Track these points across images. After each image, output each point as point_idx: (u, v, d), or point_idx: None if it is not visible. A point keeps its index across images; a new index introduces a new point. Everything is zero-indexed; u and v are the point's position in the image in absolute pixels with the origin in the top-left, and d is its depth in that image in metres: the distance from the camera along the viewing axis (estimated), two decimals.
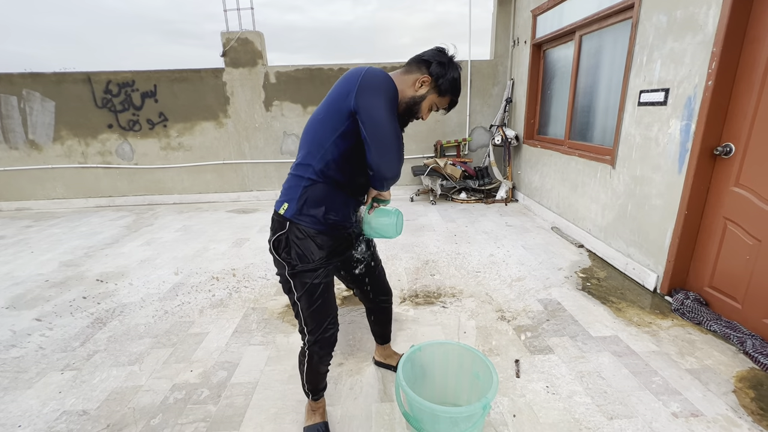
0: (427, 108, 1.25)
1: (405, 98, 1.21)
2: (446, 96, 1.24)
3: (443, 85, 1.21)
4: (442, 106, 1.27)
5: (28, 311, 2.49)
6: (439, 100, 1.24)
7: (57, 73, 4.98)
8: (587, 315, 2.26)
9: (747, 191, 1.98)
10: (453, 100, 1.27)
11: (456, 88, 1.23)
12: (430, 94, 1.22)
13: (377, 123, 1.07)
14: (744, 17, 1.91)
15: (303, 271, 1.25)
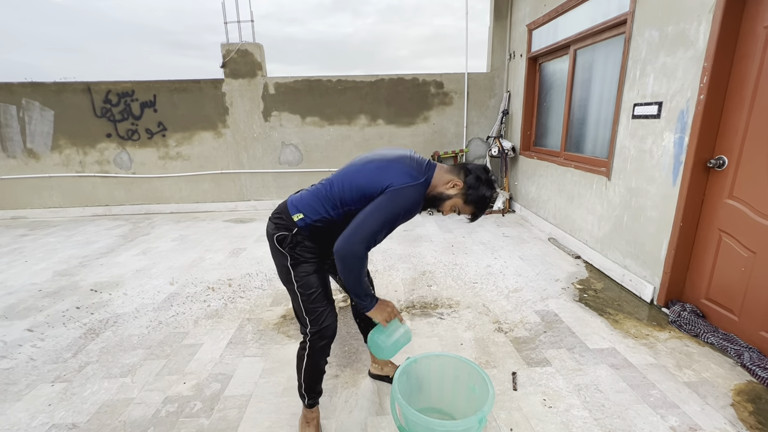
0: (449, 207, 1.34)
1: (435, 190, 1.32)
2: (469, 206, 1.33)
3: (471, 196, 1.31)
4: (464, 212, 1.36)
5: (20, 321, 2.46)
6: (462, 206, 1.34)
7: (57, 82, 5.01)
8: (584, 327, 2.25)
9: (741, 203, 1.99)
10: (475, 213, 1.35)
11: (482, 204, 1.32)
12: (456, 198, 1.32)
13: (373, 218, 1.20)
14: (733, 34, 1.95)
15: (303, 262, 1.34)
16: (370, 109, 5.14)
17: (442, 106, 5.19)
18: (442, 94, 5.16)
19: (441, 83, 5.13)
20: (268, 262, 3.39)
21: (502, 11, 4.85)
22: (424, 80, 5.12)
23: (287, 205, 1.36)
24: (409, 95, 5.12)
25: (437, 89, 5.15)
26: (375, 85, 5.07)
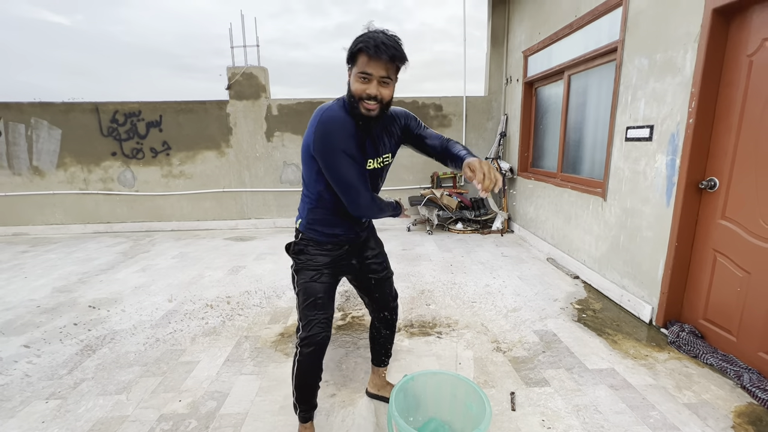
0: (354, 81, 1.21)
1: (351, 91, 1.24)
2: (355, 57, 1.19)
3: (348, 53, 1.20)
4: (362, 66, 1.17)
5: (17, 337, 2.45)
6: (356, 67, 1.20)
7: (66, 102, 5.15)
8: (583, 347, 2.24)
9: (733, 224, 2.03)
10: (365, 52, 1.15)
11: (357, 41, 1.17)
12: (351, 74, 1.23)
13: (332, 173, 1.25)
14: (718, 62, 2.04)
15: (305, 269, 1.42)
16: None
17: (442, 127, 5.30)
18: (441, 116, 5.29)
19: (440, 106, 5.27)
20: (267, 280, 3.40)
21: (499, 38, 5.03)
22: (424, 103, 5.26)
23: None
24: None
25: (436, 112, 5.28)
26: None
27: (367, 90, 1.19)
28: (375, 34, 1.16)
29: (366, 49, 1.14)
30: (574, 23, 3.32)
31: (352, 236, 1.46)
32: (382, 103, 1.23)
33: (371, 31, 1.18)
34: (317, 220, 1.41)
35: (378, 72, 1.17)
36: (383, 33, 1.18)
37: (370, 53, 1.14)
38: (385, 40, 1.15)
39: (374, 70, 1.17)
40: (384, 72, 1.18)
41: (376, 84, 1.19)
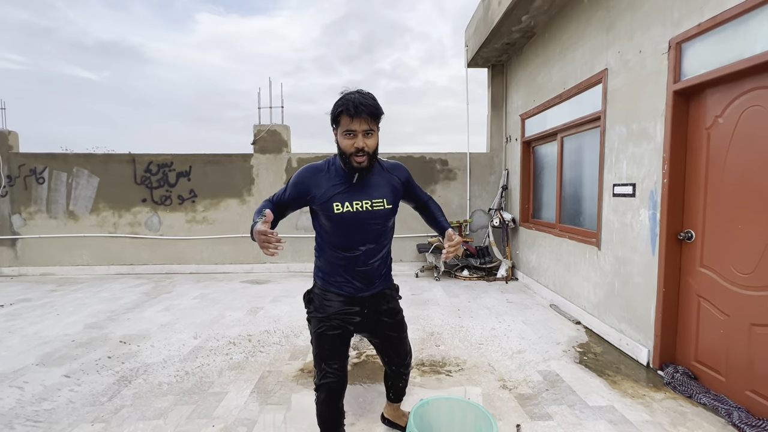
0: (341, 140, 1.39)
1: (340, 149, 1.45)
2: (338, 119, 1.38)
3: (331, 116, 1.41)
4: (346, 126, 1.36)
5: (57, 368, 2.65)
6: (340, 127, 1.38)
7: (106, 153, 5.69)
8: (584, 386, 2.40)
9: (711, 271, 2.28)
10: (346, 113, 1.34)
11: (337, 105, 1.37)
12: (337, 134, 1.42)
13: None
14: (683, 132, 2.42)
15: (316, 317, 1.51)
16: None
17: (447, 180, 5.73)
18: (447, 170, 5.73)
19: (446, 161, 5.73)
20: (284, 320, 3.60)
21: (498, 102, 5.61)
22: (431, 158, 5.73)
23: None
24: (417, 171, 5.69)
25: (442, 166, 5.73)
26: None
27: (354, 144, 1.36)
28: (351, 95, 1.35)
29: (346, 111, 1.33)
30: (563, 94, 3.81)
31: (350, 290, 1.51)
32: (370, 154, 1.39)
33: (347, 93, 1.37)
34: (320, 266, 1.54)
35: (361, 127, 1.35)
36: (358, 93, 1.37)
37: (351, 113, 1.32)
38: (362, 100, 1.33)
39: (357, 126, 1.34)
40: (366, 126, 1.35)
41: (361, 137, 1.36)
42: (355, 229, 1.46)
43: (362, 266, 1.50)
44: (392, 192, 1.53)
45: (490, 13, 4.44)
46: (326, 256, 1.52)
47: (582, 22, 3.44)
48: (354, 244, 1.48)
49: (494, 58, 5.34)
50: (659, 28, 2.51)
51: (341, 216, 1.42)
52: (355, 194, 1.44)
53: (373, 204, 1.46)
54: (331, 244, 1.49)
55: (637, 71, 2.73)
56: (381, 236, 1.53)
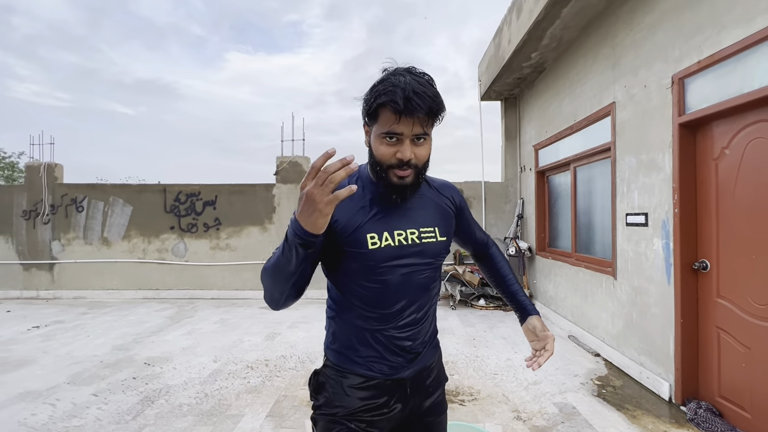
0: (378, 144, 0.88)
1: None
2: (377, 112, 0.86)
3: (365, 108, 0.89)
4: (388, 125, 0.85)
5: (86, 387, 2.79)
6: (378, 126, 0.87)
7: (140, 183, 6.09)
8: (602, 420, 2.34)
9: (728, 302, 2.24)
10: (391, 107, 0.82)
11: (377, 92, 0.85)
12: (371, 134, 0.91)
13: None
14: (692, 163, 2.46)
15: (328, 417, 0.96)
16: None
17: None
18: None
19: (461, 190, 5.83)
20: (301, 346, 3.67)
21: (512, 133, 5.75)
22: None
23: None
24: None
25: None
26: None
27: (398, 154, 0.86)
28: (400, 79, 0.84)
29: (392, 104, 0.83)
30: (574, 126, 3.91)
31: (384, 368, 0.95)
32: (418, 167, 0.90)
33: (393, 74, 0.87)
34: (336, 333, 0.99)
35: (412, 130, 0.85)
36: (411, 75, 0.86)
37: (399, 109, 0.82)
38: (417, 87, 0.83)
39: (406, 128, 0.85)
40: (420, 129, 0.86)
41: (409, 144, 0.86)
42: (398, 273, 0.93)
43: (403, 329, 0.96)
44: (444, 218, 1.03)
45: (501, 51, 4.67)
46: (347, 318, 0.97)
47: (589, 58, 3.59)
48: (394, 297, 0.94)
49: (507, 92, 5.54)
50: (662, 64, 2.61)
51: (378, 254, 0.91)
52: (395, 220, 0.94)
53: (421, 235, 0.96)
54: (360, 298, 0.94)
55: (644, 105, 2.82)
56: (432, 282, 1.01)
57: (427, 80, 0.88)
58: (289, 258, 0.77)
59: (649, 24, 2.74)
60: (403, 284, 0.94)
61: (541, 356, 1.05)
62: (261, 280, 0.87)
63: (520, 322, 1.14)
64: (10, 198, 6.02)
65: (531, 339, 1.10)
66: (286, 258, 0.78)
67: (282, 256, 0.78)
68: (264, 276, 0.85)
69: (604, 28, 3.31)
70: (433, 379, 1.05)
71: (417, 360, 0.99)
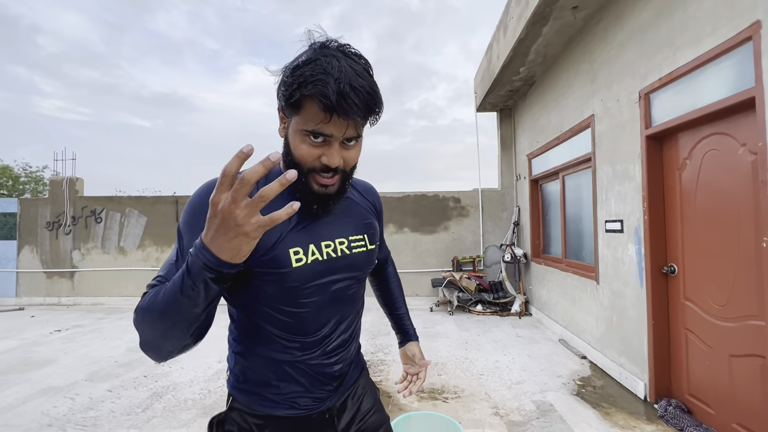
0: (299, 142, 0.70)
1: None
2: (302, 102, 0.67)
3: (284, 93, 0.69)
4: (314, 123, 0.67)
5: (102, 384, 3.05)
6: (300, 120, 0.69)
7: (154, 196, 6.44)
8: (575, 416, 2.47)
9: (693, 304, 2.37)
10: (321, 102, 0.64)
11: (302, 78, 0.65)
12: (289, 126, 0.72)
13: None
14: (659, 173, 2.61)
15: None
16: (397, 220, 6.02)
17: (460, 217, 5.98)
18: (460, 207, 6.00)
19: (459, 199, 6.01)
20: None
21: (507, 143, 5.92)
22: (444, 196, 6.04)
23: None
24: (432, 208, 6.00)
25: (455, 203, 6.01)
26: (402, 199, 6.04)
27: (323, 158, 0.70)
28: (333, 63, 0.65)
29: (322, 98, 0.64)
30: (560, 136, 4.07)
31: (309, 402, 0.82)
32: (345, 172, 0.75)
33: (323, 53, 0.67)
34: (246, 369, 0.82)
35: (342, 133, 0.69)
36: (346, 59, 0.68)
37: (330, 105, 0.64)
38: (354, 79, 0.65)
39: (336, 130, 0.68)
40: (353, 131, 0.70)
41: (337, 148, 0.70)
42: (327, 291, 0.79)
43: (331, 354, 0.83)
44: (371, 225, 0.90)
45: (492, 66, 4.88)
46: (261, 351, 0.80)
47: (571, 73, 3.77)
48: (322, 320, 0.80)
49: (501, 103, 5.73)
50: (631, 80, 2.78)
51: (304, 272, 0.75)
52: (322, 228, 0.79)
53: (351, 244, 0.83)
54: (279, 326, 0.78)
55: (617, 117, 2.98)
56: (359, 296, 0.90)
57: (365, 68, 0.69)
58: (194, 297, 0.57)
59: (620, 42, 2.92)
60: (331, 304, 0.80)
61: (413, 383, 1.06)
62: (138, 326, 0.62)
63: (399, 345, 1.12)
64: (35, 210, 6.44)
65: (406, 363, 1.09)
66: (188, 297, 0.57)
67: (181, 296, 0.57)
68: (145, 322, 0.61)
69: (583, 45, 3.50)
70: (360, 396, 0.91)
71: (342, 384, 0.87)
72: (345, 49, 0.70)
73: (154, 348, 0.64)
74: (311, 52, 0.68)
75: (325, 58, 0.66)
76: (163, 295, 0.60)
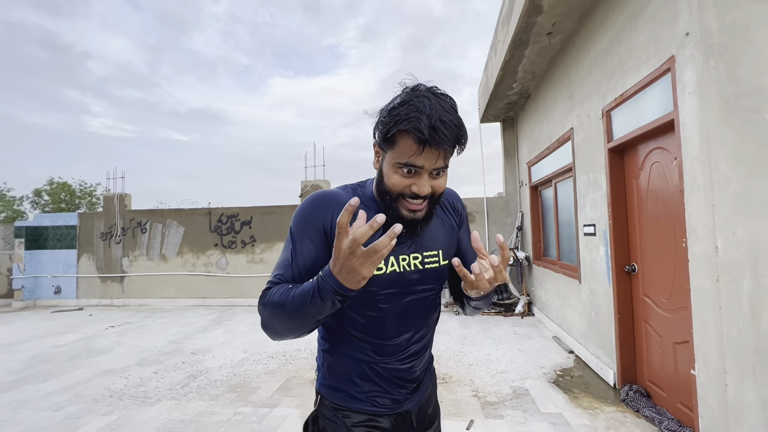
0: (392, 173, 0.79)
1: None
2: (396, 137, 0.76)
3: (381, 130, 0.78)
4: (407, 156, 0.75)
5: (149, 367, 3.66)
6: (395, 154, 0.78)
7: (191, 208, 7.21)
8: (545, 399, 2.79)
9: (649, 299, 2.65)
10: (414, 136, 0.73)
11: (397, 117, 0.75)
12: (383, 159, 0.82)
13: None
14: (621, 181, 2.91)
15: None
16: None
17: None
18: None
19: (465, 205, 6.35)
20: (314, 342, 4.37)
21: (510, 152, 6.22)
22: None
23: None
24: None
25: None
26: None
27: (413, 187, 0.78)
28: (424, 102, 0.74)
29: (415, 132, 0.73)
30: (551, 146, 4.38)
31: (388, 401, 0.91)
32: (433, 198, 0.82)
33: (416, 95, 0.76)
34: (332, 366, 0.92)
35: (433, 164, 0.76)
36: (435, 98, 0.76)
37: (423, 138, 0.72)
38: (443, 114, 0.74)
39: (427, 162, 0.75)
40: (442, 162, 0.77)
41: (426, 179, 0.78)
42: (400, 301, 0.88)
43: (405, 361, 0.92)
44: (448, 238, 0.96)
45: (488, 81, 5.24)
46: (345, 350, 0.91)
47: (556, 88, 4.08)
48: (396, 327, 0.89)
49: (503, 115, 6.05)
50: (596, 98, 3.10)
51: (381, 280, 0.85)
52: (400, 244, 0.87)
53: (424, 260, 0.90)
54: (359, 329, 0.89)
55: (588, 131, 3.29)
56: (434, 309, 0.96)
57: (451, 105, 0.78)
58: (321, 309, 0.71)
59: (588, 64, 3.24)
60: (405, 313, 0.89)
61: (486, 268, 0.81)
62: (264, 314, 0.77)
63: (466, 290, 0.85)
64: (91, 222, 7.38)
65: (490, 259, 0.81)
66: (315, 307, 0.71)
67: (310, 305, 0.71)
68: (273, 315, 0.75)
69: (563, 64, 3.82)
70: (432, 408, 1.01)
71: (418, 389, 0.95)
72: (433, 89, 0.79)
73: (276, 332, 0.79)
74: (404, 95, 0.78)
75: (417, 98, 0.75)
76: (293, 299, 0.73)
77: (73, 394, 3.07)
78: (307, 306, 0.71)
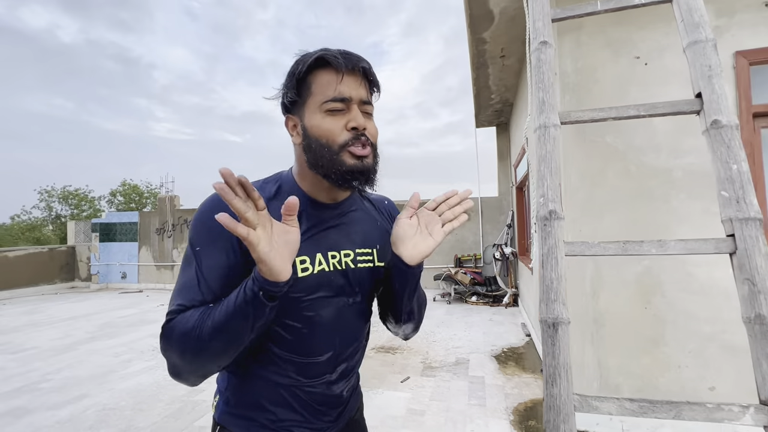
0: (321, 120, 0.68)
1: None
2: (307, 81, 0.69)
3: (290, 84, 0.70)
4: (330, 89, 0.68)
5: None
6: (316, 96, 0.69)
7: None
8: (479, 366, 3.39)
9: None
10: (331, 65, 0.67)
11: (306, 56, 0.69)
12: (304, 118, 0.70)
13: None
14: None
15: None
16: None
17: None
18: None
19: None
20: None
21: (503, 154, 6.65)
22: None
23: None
24: None
25: None
26: None
27: (350, 123, 0.68)
28: (326, 48, 0.69)
29: (330, 59, 0.67)
30: (521, 152, 4.84)
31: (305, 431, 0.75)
32: (374, 146, 0.71)
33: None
34: (237, 390, 0.74)
35: (358, 93, 0.69)
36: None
37: (338, 63, 0.66)
38: (349, 51, 0.69)
39: (352, 90, 0.68)
40: (365, 93, 0.70)
41: (359, 112, 0.68)
42: (330, 307, 0.73)
43: (333, 385, 0.77)
44: (383, 238, 0.83)
45: (473, 90, 5.75)
46: (256, 370, 0.73)
47: (521, 100, 4.55)
48: (325, 341, 0.74)
49: (495, 120, 6.49)
50: None
51: (308, 282, 0.70)
52: (330, 237, 0.75)
53: (356, 258, 0.77)
54: (278, 342, 0.71)
55: (533, 143, 3.78)
56: (364, 319, 0.82)
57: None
58: (249, 318, 0.58)
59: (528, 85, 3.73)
60: (334, 322, 0.73)
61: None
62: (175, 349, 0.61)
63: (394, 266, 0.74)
64: (149, 220, 8.82)
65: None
66: (242, 320, 0.58)
67: (233, 321, 0.58)
68: (188, 347, 0.60)
69: (523, 79, 4.30)
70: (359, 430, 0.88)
71: (344, 412, 0.81)
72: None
73: (192, 370, 0.62)
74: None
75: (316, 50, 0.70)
76: (217, 315, 0.59)
77: (128, 347, 4.15)
78: (231, 323, 0.58)
